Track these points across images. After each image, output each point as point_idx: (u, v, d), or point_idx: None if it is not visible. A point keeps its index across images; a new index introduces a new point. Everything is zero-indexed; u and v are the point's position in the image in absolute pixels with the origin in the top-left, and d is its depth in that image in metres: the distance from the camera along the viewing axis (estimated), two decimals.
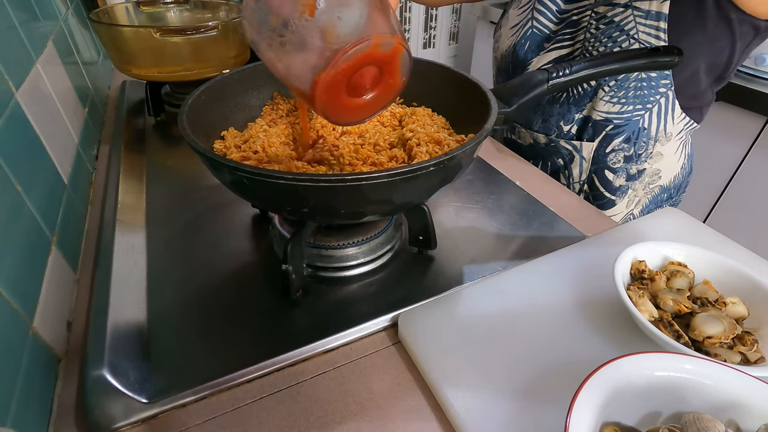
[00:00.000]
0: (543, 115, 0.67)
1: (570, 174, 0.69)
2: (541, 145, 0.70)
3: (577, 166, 0.68)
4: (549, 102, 0.66)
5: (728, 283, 0.39)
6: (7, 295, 0.32)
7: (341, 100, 0.33)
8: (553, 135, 0.68)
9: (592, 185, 0.68)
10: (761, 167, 1.21)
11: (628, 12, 0.57)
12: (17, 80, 0.44)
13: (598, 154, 0.66)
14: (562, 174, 0.70)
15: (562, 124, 0.66)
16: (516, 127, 0.73)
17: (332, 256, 0.45)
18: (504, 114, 0.43)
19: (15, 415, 0.29)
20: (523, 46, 0.67)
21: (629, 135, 0.63)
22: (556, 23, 0.64)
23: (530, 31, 0.66)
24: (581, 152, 0.66)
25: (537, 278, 0.44)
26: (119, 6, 0.82)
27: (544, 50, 0.65)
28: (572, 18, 0.62)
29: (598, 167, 0.67)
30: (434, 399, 0.35)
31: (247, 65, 0.51)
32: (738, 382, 0.28)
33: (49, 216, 0.43)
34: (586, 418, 0.26)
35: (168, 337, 0.39)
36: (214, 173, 0.37)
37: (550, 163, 0.70)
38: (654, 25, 0.56)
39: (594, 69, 0.47)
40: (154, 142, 0.72)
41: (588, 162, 0.67)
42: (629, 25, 0.57)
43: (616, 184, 0.67)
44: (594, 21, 0.60)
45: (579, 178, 0.69)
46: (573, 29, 0.62)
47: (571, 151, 0.67)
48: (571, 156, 0.67)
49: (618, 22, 0.58)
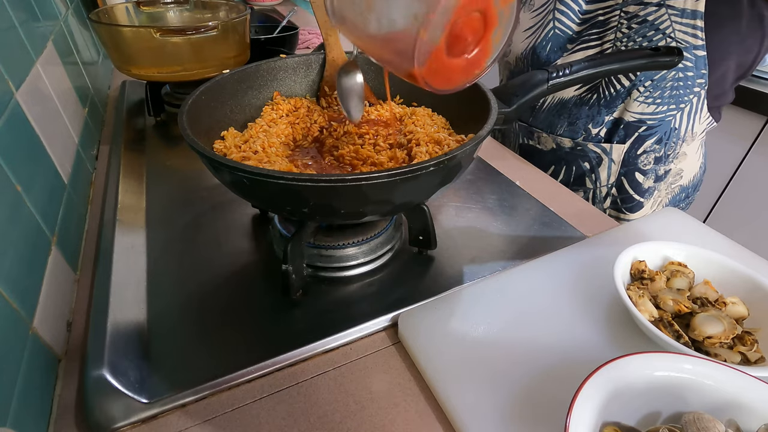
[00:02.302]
0: (569, 119, 0.66)
1: (597, 178, 0.67)
2: (565, 149, 0.68)
3: (606, 170, 0.66)
4: (576, 104, 0.65)
5: (728, 283, 0.39)
6: (7, 295, 0.32)
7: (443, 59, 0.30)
8: (580, 138, 0.66)
9: (621, 188, 0.67)
10: (761, 167, 1.21)
11: (662, 11, 0.56)
12: (17, 80, 0.44)
13: (629, 157, 0.65)
14: (588, 178, 0.68)
15: (590, 126, 0.65)
16: (535, 132, 0.71)
17: (332, 256, 0.45)
18: (504, 114, 0.43)
19: (15, 415, 0.29)
20: (545, 48, 0.66)
21: (661, 136, 0.63)
22: (579, 23, 0.63)
23: (552, 33, 0.65)
24: (611, 155, 0.65)
25: (537, 278, 0.44)
26: (119, 6, 0.82)
27: (569, 51, 0.64)
28: (598, 18, 0.61)
29: (627, 170, 0.66)
30: (434, 399, 0.35)
31: (247, 65, 0.51)
32: (738, 382, 0.28)
33: (49, 216, 0.43)
34: (586, 418, 0.26)
35: (168, 337, 0.39)
36: (214, 173, 0.37)
37: (575, 167, 0.69)
38: (690, 23, 0.55)
39: (594, 69, 0.47)
40: (154, 142, 0.72)
41: (617, 165, 0.65)
42: (664, 24, 0.57)
43: (645, 186, 0.66)
44: (625, 21, 0.59)
45: (607, 182, 0.67)
46: (600, 29, 0.61)
47: (599, 154, 0.66)
48: (600, 159, 0.66)
49: (652, 21, 0.57)
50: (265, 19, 1.16)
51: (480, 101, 0.43)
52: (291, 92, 0.55)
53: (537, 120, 0.70)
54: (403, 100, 0.55)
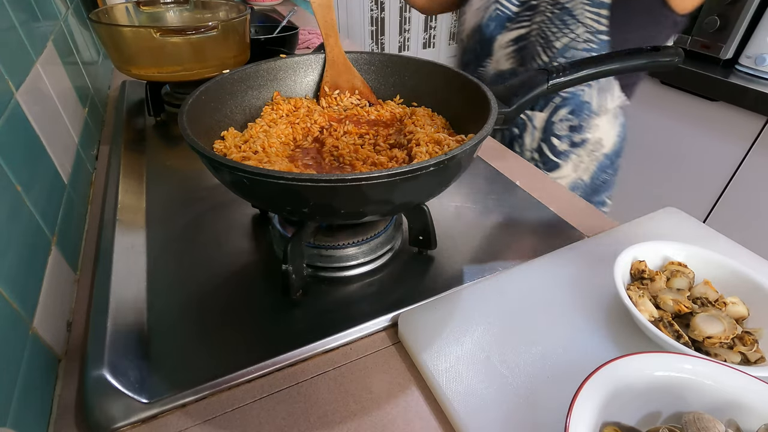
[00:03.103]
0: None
1: (523, 143, 0.80)
2: None
3: (529, 135, 0.79)
4: (511, 76, 0.76)
5: (728, 283, 0.39)
6: (7, 295, 0.32)
7: None
8: None
9: (541, 153, 0.80)
10: (761, 167, 1.21)
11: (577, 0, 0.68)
12: (17, 80, 0.44)
13: (547, 124, 0.77)
14: (516, 143, 0.81)
15: None
16: None
17: (332, 256, 0.45)
18: (504, 114, 0.43)
19: (15, 415, 0.29)
20: (489, 26, 0.77)
21: (573, 108, 0.74)
22: (518, 5, 0.74)
23: (495, 13, 0.75)
24: (533, 121, 0.78)
25: (537, 278, 0.44)
26: (119, 6, 0.82)
27: (506, 29, 0.75)
28: (531, 2, 0.72)
29: (545, 136, 0.78)
30: (434, 399, 0.35)
31: (247, 65, 0.51)
32: (738, 382, 0.28)
33: (49, 216, 0.43)
34: (586, 418, 0.26)
35: (168, 337, 0.39)
36: (214, 173, 0.37)
37: (507, 132, 0.82)
38: (596, 12, 0.66)
39: (594, 69, 0.47)
40: (154, 142, 0.72)
41: (539, 132, 0.78)
42: (578, 10, 0.67)
43: (560, 149, 0.79)
44: (550, 6, 0.70)
45: (530, 146, 0.80)
46: (531, 12, 0.72)
47: (525, 121, 0.78)
48: (524, 125, 0.79)
49: (570, 8, 0.68)
50: (265, 19, 1.16)
51: (480, 101, 0.43)
52: (291, 92, 0.55)
53: None
54: (403, 100, 0.55)
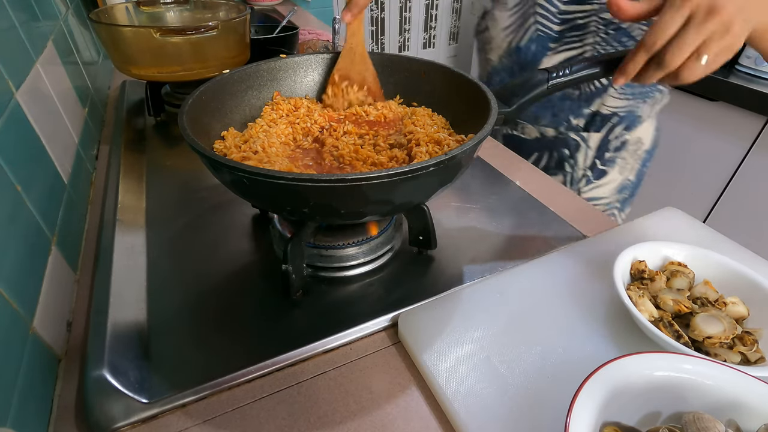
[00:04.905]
0: (553, 111, 0.74)
1: (575, 162, 0.76)
2: (548, 138, 0.77)
3: (583, 154, 0.75)
4: (560, 99, 0.72)
5: (728, 283, 0.39)
6: (7, 295, 0.32)
7: None
8: (562, 128, 0.75)
9: (594, 168, 0.76)
10: (761, 167, 1.21)
11: None
12: (17, 80, 0.44)
13: (602, 142, 0.74)
14: (567, 162, 0.77)
15: (572, 118, 0.73)
16: (519, 124, 0.79)
17: (332, 256, 0.45)
18: (504, 114, 0.43)
19: (15, 415, 0.29)
20: (530, 48, 0.71)
21: (628, 123, 0.72)
22: (559, 24, 0.67)
23: (536, 34, 0.70)
24: (588, 142, 0.74)
25: (537, 278, 0.44)
26: (119, 6, 0.82)
27: (553, 51, 0.69)
28: (577, 21, 0.66)
29: (600, 153, 0.75)
30: (434, 399, 0.35)
31: (247, 65, 0.51)
32: (738, 382, 0.28)
33: (49, 216, 0.43)
34: (586, 418, 0.26)
35: (168, 337, 0.39)
36: (214, 173, 0.37)
37: (556, 153, 0.77)
38: None
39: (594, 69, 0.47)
40: (154, 142, 0.72)
41: (593, 150, 0.75)
42: (636, 32, 0.63)
43: (608, 158, 0.77)
44: (602, 26, 0.64)
45: (583, 165, 0.76)
46: (580, 32, 0.67)
47: (578, 142, 0.74)
48: (578, 145, 0.75)
49: (625, 28, 0.63)
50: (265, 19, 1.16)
51: (480, 101, 0.43)
52: (291, 92, 0.55)
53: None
54: (403, 100, 0.55)
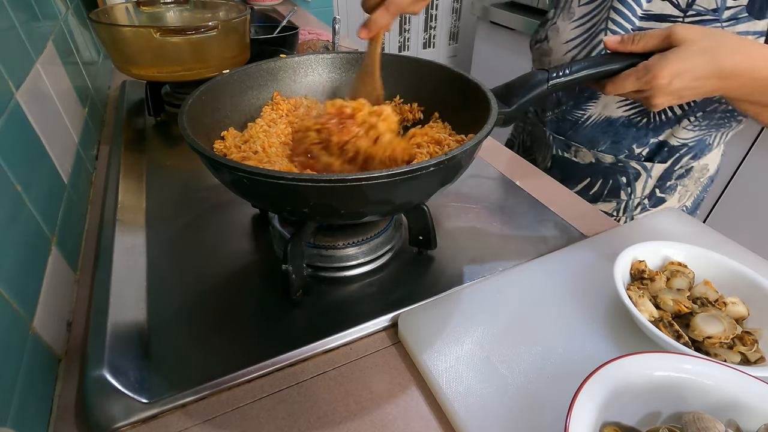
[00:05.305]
0: (614, 137, 0.67)
1: (633, 191, 0.70)
2: (604, 164, 0.70)
3: (642, 183, 0.69)
4: (624, 125, 0.66)
5: (728, 283, 0.39)
6: (7, 295, 0.32)
7: None
8: (622, 156, 0.68)
9: (652, 196, 0.71)
10: (761, 167, 1.21)
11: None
12: (17, 80, 0.44)
13: (667, 173, 0.68)
14: (623, 191, 0.71)
15: (634, 146, 0.66)
16: (573, 146, 0.72)
17: (332, 256, 0.45)
18: (504, 114, 0.43)
19: (15, 415, 0.29)
20: None
21: (697, 152, 0.66)
22: None
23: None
24: (650, 172, 0.68)
25: (537, 278, 0.44)
26: (119, 6, 0.82)
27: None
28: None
29: (662, 183, 0.69)
30: (434, 399, 0.35)
31: (247, 65, 0.51)
32: (738, 382, 0.28)
33: (49, 216, 0.43)
34: (586, 418, 0.26)
35: (168, 337, 0.39)
36: (214, 173, 0.37)
37: (611, 180, 0.71)
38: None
39: (594, 69, 0.47)
40: (154, 142, 0.72)
41: (654, 180, 0.68)
42: None
43: (668, 185, 0.70)
44: None
45: (642, 194, 0.70)
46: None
47: (638, 171, 0.68)
48: (638, 174, 0.68)
49: None
50: (265, 19, 1.16)
51: (480, 101, 0.43)
52: (291, 92, 0.55)
53: (577, 134, 0.69)
54: (404, 100, 0.55)
